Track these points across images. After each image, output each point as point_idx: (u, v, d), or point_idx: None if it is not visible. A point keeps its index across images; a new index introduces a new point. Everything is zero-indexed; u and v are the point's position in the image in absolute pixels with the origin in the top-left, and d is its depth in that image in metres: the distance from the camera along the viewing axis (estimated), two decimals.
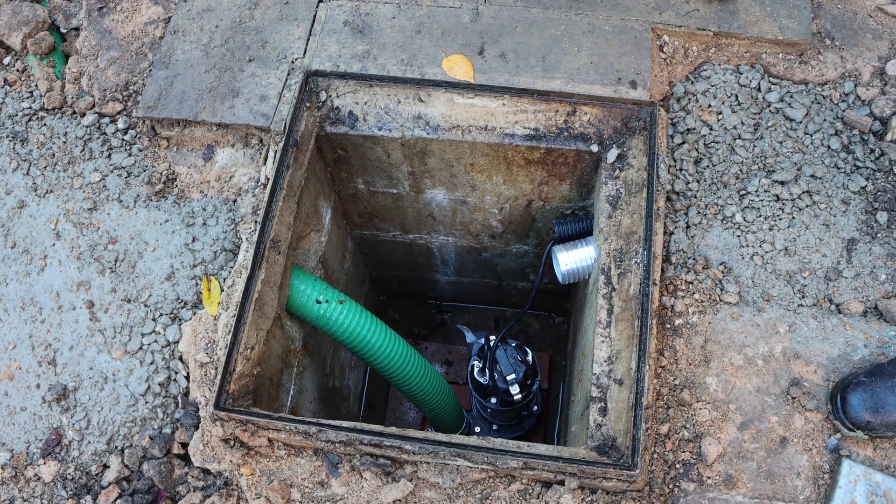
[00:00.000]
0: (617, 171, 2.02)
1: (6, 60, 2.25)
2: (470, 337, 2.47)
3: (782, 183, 1.99)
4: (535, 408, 2.65)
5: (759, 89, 2.10)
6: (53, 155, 2.10)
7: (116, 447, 1.79)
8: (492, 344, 2.33)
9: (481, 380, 2.37)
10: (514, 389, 2.32)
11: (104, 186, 2.05)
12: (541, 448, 1.74)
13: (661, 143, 1.98)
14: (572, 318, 2.73)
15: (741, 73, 2.11)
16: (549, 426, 2.91)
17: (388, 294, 3.23)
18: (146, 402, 1.82)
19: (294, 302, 2.04)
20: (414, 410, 3.01)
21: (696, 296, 1.89)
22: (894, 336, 1.83)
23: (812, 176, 2.00)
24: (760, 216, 1.96)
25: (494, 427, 2.66)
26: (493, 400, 2.41)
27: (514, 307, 3.19)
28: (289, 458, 1.75)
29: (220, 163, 2.07)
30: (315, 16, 2.19)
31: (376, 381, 3.01)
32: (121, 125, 2.12)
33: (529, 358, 2.38)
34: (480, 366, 2.38)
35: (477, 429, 2.67)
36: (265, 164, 2.03)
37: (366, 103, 2.10)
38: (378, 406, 3.05)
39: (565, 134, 2.07)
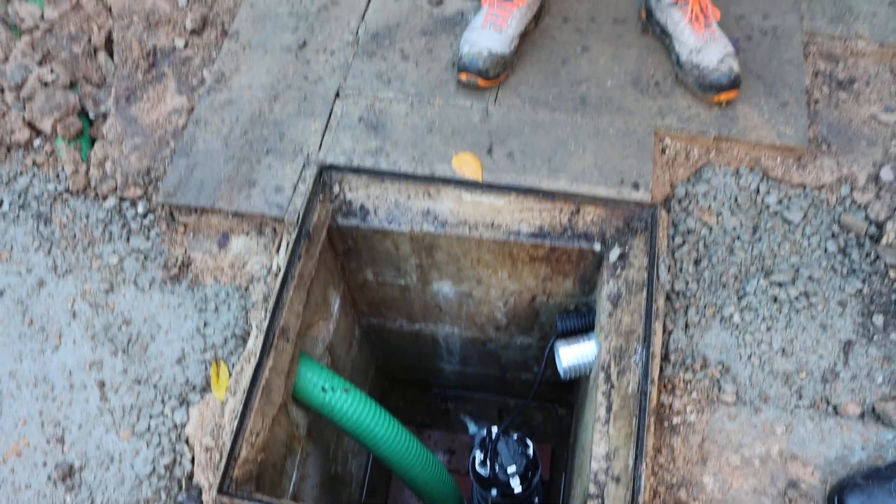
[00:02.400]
0: (618, 270, 2.09)
1: (36, 143, 2.37)
2: (472, 428, 2.51)
3: (780, 284, 2.06)
4: (536, 500, 2.66)
5: (757, 192, 2.19)
6: (75, 236, 2.20)
7: None
8: (493, 436, 2.37)
9: (482, 471, 2.40)
10: (515, 482, 2.35)
11: (121, 269, 2.14)
12: None
13: (662, 243, 2.07)
14: (575, 411, 2.77)
15: (741, 176, 2.21)
16: None
17: (393, 382, 3.28)
18: (150, 484, 1.87)
19: (300, 389, 2.10)
20: (415, 498, 3.03)
21: (694, 395, 1.94)
22: (892, 439, 1.87)
23: (809, 278, 2.06)
24: (758, 317, 2.03)
25: None
26: (494, 492, 2.43)
27: (517, 397, 3.22)
28: None
29: (235, 250, 2.17)
30: (331, 111, 2.31)
31: (379, 468, 3.03)
32: (140, 210, 2.22)
33: (531, 451, 2.41)
34: (482, 457, 2.41)
35: None
36: (278, 253, 2.12)
37: (377, 197, 2.20)
38: (380, 492, 3.06)
39: (569, 232, 2.15)
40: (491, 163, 2.20)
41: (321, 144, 2.26)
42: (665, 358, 1.99)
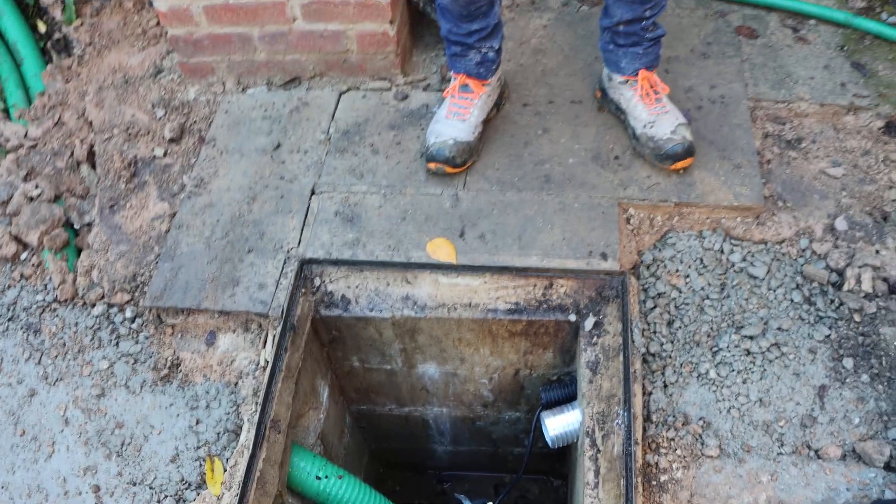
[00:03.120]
0: (595, 338, 2.17)
1: (23, 256, 2.46)
2: None
3: (751, 337, 2.14)
4: None
5: (722, 251, 2.28)
6: (64, 344, 2.25)
7: None
8: None
9: None
10: None
11: (112, 373, 2.19)
12: None
13: (634, 308, 2.15)
14: (568, 481, 2.80)
15: (704, 238, 2.31)
16: None
17: (387, 466, 3.29)
18: None
19: (294, 478, 2.13)
20: None
21: (679, 451, 1.99)
22: (874, 477, 1.92)
23: (779, 329, 2.14)
24: (733, 370, 2.09)
25: None
26: None
27: (512, 472, 3.24)
28: None
29: (222, 348, 2.23)
30: (308, 207, 2.41)
31: None
32: (128, 314, 2.29)
33: None
34: None
35: None
36: (264, 347, 2.18)
37: (357, 286, 2.28)
38: None
39: (544, 306, 2.23)
40: (464, 245, 2.29)
41: (300, 240, 2.35)
42: (647, 418, 2.04)
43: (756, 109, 2.55)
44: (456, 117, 2.41)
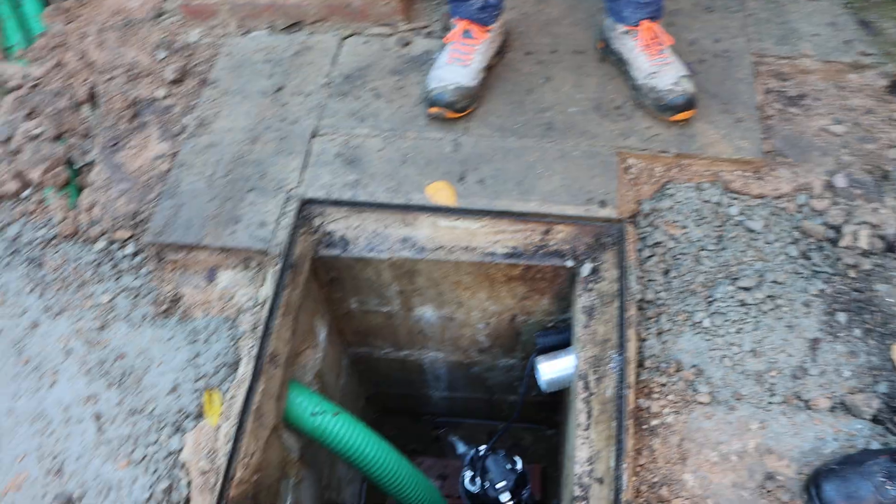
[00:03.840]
0: (591, 284, 2.19)
1: (25, 193, 2.47)
2: (461, 448, 2.58)
3: (746, 289, 2.16)
4: None
5: (720, 204, 2.30)
6: (66, 278, 2.28)
7: None
8: (482, 453, 2.44)
9: (472, 489, 2.47)
10: (505, 497, 2.42)
11: (113, 307, 2.23)
12: None
13: (631, 256, 2.17)
14: (561, 429, 2.84)
15: (703, 190, 2.32)
16: None
17: (383, 411, 3.34)
18: None
19: (291, 414, 2.17)
20: None
21: (671, 397, 2.03)
22: (861, 428, 1.96)
23: (774, 282, 2.17)
24: (727, 321, 2.12)
25: None
26: None
27: (507, 420, 3.29)
28: None
29: (222, 284, 2.26)
30: (309, 149, 2.43)
31: (373, 496, 3.08)
32: (130, 250, 2.32)
33: (519, 466, 2.49)
34: (472, 475, 2.48)
35: None
36: (263, 284, 2.21)
37: (356, 227, 2.30)
38: None
39: (542, 251, 2.26)
40: (464, 189, 2.31)
41: (301, 180, 2.37)
42: (641, 364, 2.08)
43: (759, 65, 2.55)
44: (458, 63, 2.42)
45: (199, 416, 2.04)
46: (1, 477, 2.00)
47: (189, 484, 1.95)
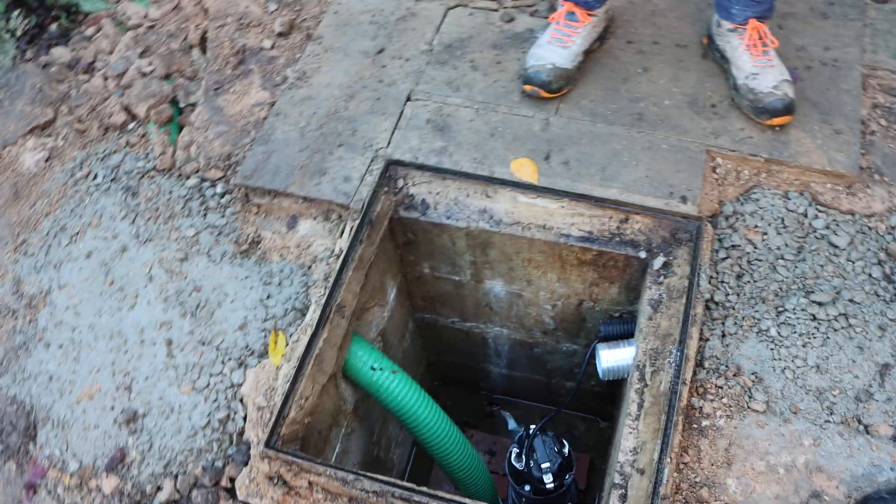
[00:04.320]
0: (661, 278, 2.19)
1: (131, 126, 2.61)
2: (512, 424, 2.61)
3: (820, 304, 2.12)
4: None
5: (805, 215, 2.25)
6: (157, 209, 2.40)
7: (171, 472, 1.99)
8: (531, 431, 2.46)
9: (517, 465, 2.49)
10: (548, 478, 2.44)
11: (196, 241, 2.34)
12: None
13: (705, 255, 2.16)
14: (614, 423, 2.84)
15: (789, 199, 2.28)
16: None
17: (442, 380, 3.40)
18: (204, 436, 2.03)
19: (351, 365, 2.24)
20: (450, 482, 3.12)
21: (725, 400, 2.01)
22: None
23: (850, 300, 2.12)
24: (795, 332, 2.09)
25: None
26: (527, 487, 2.52)
27: (561, 406, 3.30)
28: (325, 502, 1.92)
29: (302, 232, 2.34)
30: (402, 112, 2.48)
31: (421, 462, 3.14)
32: (219, 189, 2.43)
33: (566, 450, 2.50)
34: (518, 451, 2.50)
35: None
36: (341, 237, 2.28)
37: (438, 193, 2.35)
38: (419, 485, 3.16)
39: (617, 239, 2.26)
40: (547, 168, 2.33)
41: (390, 141, 2.43)
42: (699, 364, 2.06)
43: (869, 77, 2.48)
44: (558, 44, 2.43)
45: (263, 354, 2.13)
46: (78, 384, 2.13)
47: (245, 417, 2.05)
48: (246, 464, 1.98)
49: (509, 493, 2.71)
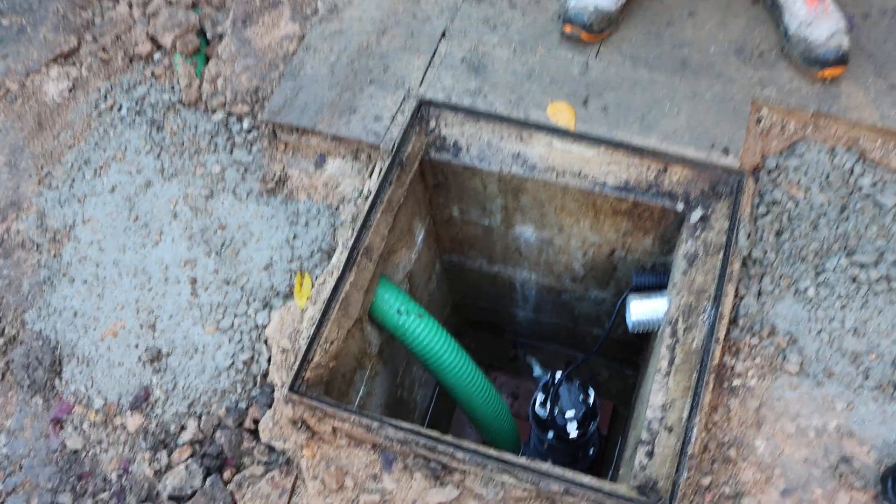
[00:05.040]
0: (698, 231, 2.13)
1: (156, 56, 2.54)
2: (537, 371, 2.59)
3: (862, 265, 2.06)
4: (592, 451, 2.73)
5: (851, 172, 2.18)
6: (183, 144, 2.36)
7: (195, 412, 1.99)
8: (557, 379, 2.45)
9: (541, 412, 2.49)
10: (572, 426, 2.43)
11: (222, 178, 2.29)
12: (584, 478, 1.85)
13: (745, 210, 2.09)
14: (640, 372, 2.82)
15: (836, 155, 2.20)
16: (603, 473, 2.98)
17: (467, 323, 3.38)
18: (228, 377, 2.02)
19: (377, 309, 2.21)
20: (474, 436, 3.14)
21: (758, 360, 1.97)
22: None
23: (894, 263, 2.05)
24: (834, 294, 2.03)
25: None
26: (550, 434, 2.52)
27: (587, 351, 3.28)
28: (348, 448, 1.91)
29: (329, 171, 2.29)
30: (436, 50, 2.40)
31: (443, 402, 3.14)
32: (245, 125, 2.37)
33: (591, 399, 2.49)
34: (543, 399, 2.49)
35: None
36: (370, 177, 2.23)
37: (471, 136, 2.28)
38: (441, 427, 3.16)
39: (654, 190, 2.19)
40: (585, 114, 2.25)
41: (423, 80, 2.35)
42: (733, 321, 2.02)
43: None
44: None
45: (288, 296, 2.11)
46: (102, 321, 2.12)
47: (269, 359, 2.03)
48: (270, 406, 1.97)
49: (531, 437, 2.71)
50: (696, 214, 2.15)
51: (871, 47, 2.29)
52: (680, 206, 2.17)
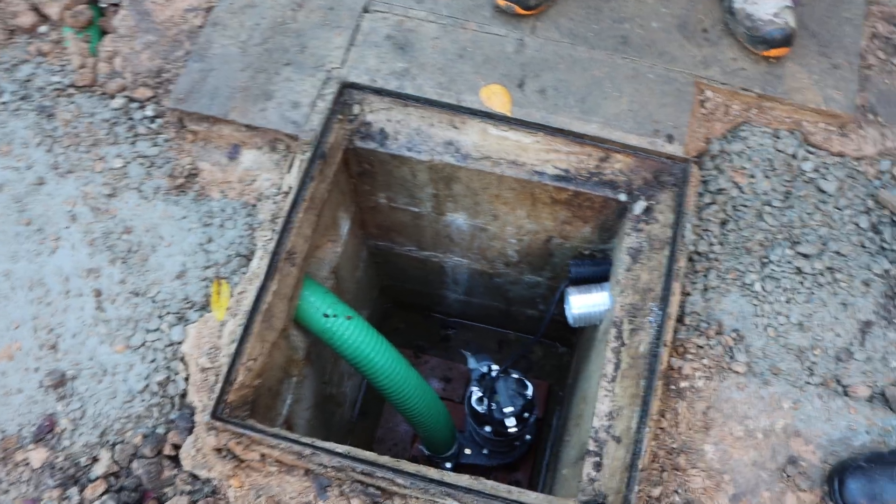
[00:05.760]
0: (642, 224, 2.03)
1: (42, 29, 2.26)
2: (472, 363, 2.50)
3: (806, 256, 2.00)
4: (528, 437, 2.68)
5: (794, 157, 2.10)
6: (78, 135, 2.11)
7: (108, 441, 1.82)
8: (493, 375, 2.35)
9: (478, 408, 2.40)
10: (511, 422, 2.36)
11: (125, 173, 2.07)
12: (531, 496, 1.77)
13: (691, 201, 2.00)
14: (576, 354, 2.75)
15: (779, 138, 2.12)
16: (540, 455, 2.94)
17: (396, 304, 3.25)
18: (143, 400, 1.85)
19: (302, 313, 2.06)
20: (406, 424, 3.04)
21: (705, 361, 1.91)
22: None
23: (837, 252, 2.01)
24: (779, 287, 1.98)
25: (485, 451, 2.69)
26: (488, 429, 2.44)
27: (520, 332, 3.21)
28: (279, 475, 1.78)
29: (245, 164, 2.09)
30: (358, 26, 2.20)
31: (374, 391, 3.04)
32: (149, 112, 2.13)
33: (529, 392, 2.41)
34: (479, 395, 2.40)
35: (467, 451, 2.70)
36: (290, 171, 2.04)
37: (398, 122, 2.11)
38: (372, 414, 3.07)
39: (595, 179, 2.08)
40: (521, 97, 2.11)
41: (344, 60, 2.15)
42: (680, 320, 1.94)
43: (872, 4, 2.28)
44: None
45: (205, 307, 1.93)
46: None
47: (187, 379, 1.87)
48: (190, 431, 1.82)
49: (467, 426, 2.63)
50: (639, 206, 2.05)
51: (815, 25, 2.20)
52: (623, 197, 2.07)
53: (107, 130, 2.11)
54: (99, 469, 1.79)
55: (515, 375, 2.41)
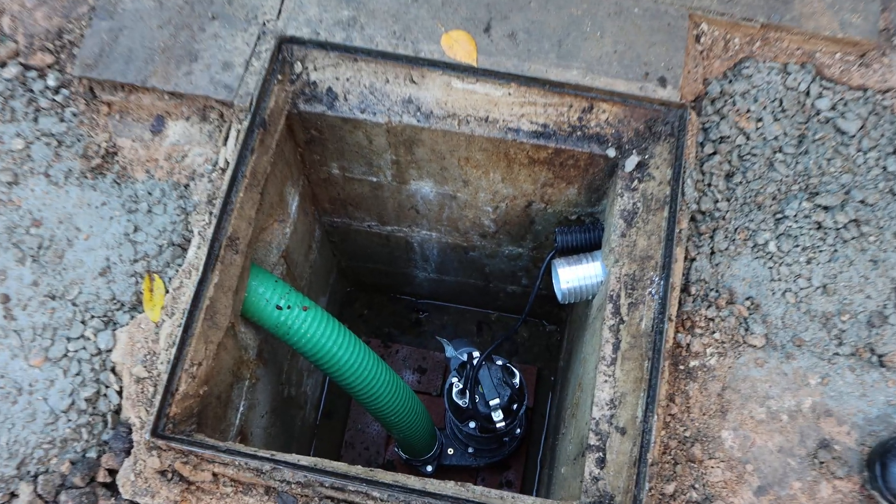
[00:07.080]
0: (635, 182, 2.00)
1: None
2: (450, 351, 2.47)
3: (826, 208, 1.99)
4: (518, 431, 2.67)
5: (808, 94, 2.08)
6: None
7: (29, 472, 1.77)
8: (475, 362, 2.33)
9: (460, 402, 2.38)
10: (497, 416, 2.33)
11: (28, 156, 2.00)
12: (527, 501, 1.76)
13: (690, 153, 1.97)
14: (567, 331, 2.74)
15: (789, 74, 2.10)
16: (532, 450, 2.93)
17: (357, 286, 3.22)
18: (68, 420, 1.80)
19: (251, 306, 2.02)
20: (377, 424, 3.02)
21: (717, 335, 1.90)
22: None
23: (862, 202, 1.99)
24: (797, 246, 1.96)
25: (470, 450, 2.68)
26: (472, 425, 2.42)
27: (501, 311, 3.19)
28: (236, 495, 1.75)
29: (172, 138, 2.03)
30: None
31: (337, 387, 3.02)
32: (51, 82, 2.06)
33: (517, 380, 2.39)
34: (460, 386, 2.38)
35: (450, 451, 2.68)
36: (225, 144, 1.98)
37: (348, 80, 2.07)
38: (338, 415, 3.05)
39: (578, 133, 2.05)
40: (488, 44, 2.06)
41: (280, 11, 2.09)
42: (685, 290, 1.93)
43: None
44: None
45: (137, 307, 1.89)
46: None
47: (120, 392, 1.82)
48: (128, 452, 1.78)
49: (448, 422, 2.61)
50: (631, 161, 2.02)
51: None
52: (611, 152, 2.04)
53: (1, 106, 2.03)
54: None
55: (500, 362, 2.39)
